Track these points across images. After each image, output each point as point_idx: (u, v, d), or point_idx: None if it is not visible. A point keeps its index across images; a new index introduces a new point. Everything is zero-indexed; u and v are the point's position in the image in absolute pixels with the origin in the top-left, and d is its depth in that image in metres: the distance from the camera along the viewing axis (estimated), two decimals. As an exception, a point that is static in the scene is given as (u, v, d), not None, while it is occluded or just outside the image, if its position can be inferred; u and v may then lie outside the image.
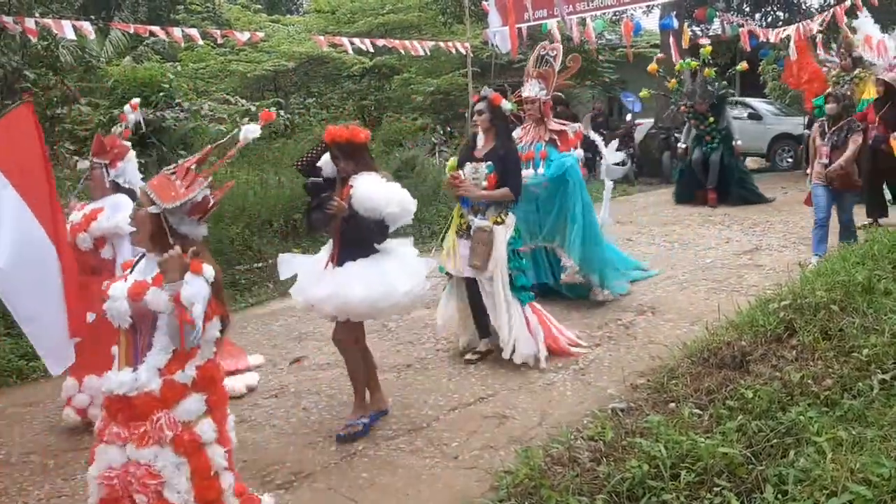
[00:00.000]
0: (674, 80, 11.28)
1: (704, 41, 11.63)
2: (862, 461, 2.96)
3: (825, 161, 7.05)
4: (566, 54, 6.64)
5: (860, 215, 8.35)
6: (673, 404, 4.06)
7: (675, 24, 12.39)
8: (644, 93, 12.50)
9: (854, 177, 7.07)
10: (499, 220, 5.10)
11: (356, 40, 9.38)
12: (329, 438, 4.26)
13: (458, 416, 4.45)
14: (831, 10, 11.21)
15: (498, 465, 3.70)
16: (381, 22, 16.84)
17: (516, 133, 6.34)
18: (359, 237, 4.10)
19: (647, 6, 13.68)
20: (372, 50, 10.42)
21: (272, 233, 8.93)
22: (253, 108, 8.79)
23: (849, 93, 9.70)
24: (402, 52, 8.17)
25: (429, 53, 9.80)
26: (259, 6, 18.96)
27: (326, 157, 4.28)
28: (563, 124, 6.49)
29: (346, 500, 3.62)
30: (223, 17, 17.65)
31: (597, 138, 6.81)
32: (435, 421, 4.40)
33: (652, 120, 15.85)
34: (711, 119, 10.76)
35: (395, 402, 4.67)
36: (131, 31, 8.37)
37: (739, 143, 11.07)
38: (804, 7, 17.41)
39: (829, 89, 9.95)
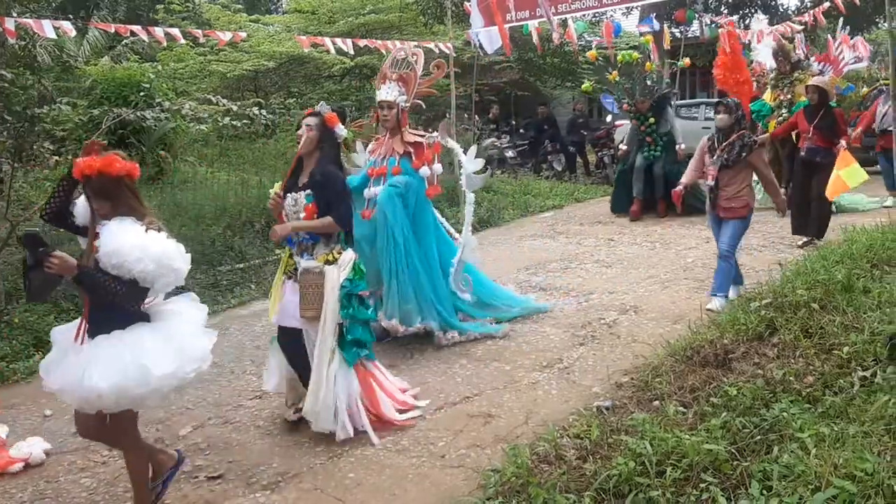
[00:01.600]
0: (615, 73, 10.54)
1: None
2: (845, 456, 3.00)
3: (712, 184, 5.96)
4: (548, 55, 6.54)
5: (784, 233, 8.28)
6: (657, 402, 4.10)
7: (656, 26, 12.49)
8: (586, 85, 11.86)
9: (749, 205, 5.98)
10: (331, 257, 4.21)
11: (338, 40, 9.36)
12: (315, 438, 4.24)
13: (444, 415, 4.46)
14: (810, 12, 11.33)
15: (485, 464, 3.71)
16: (362, 22, 16.81)
17: (370, 147, 5.88)
18: (109, 302, 3.22)
19: (627, 7, 13.79)
20: (353, 51, 10.39)
21: (254, 233, 8.89)
22: (234, 108, 8.74)
23: (790, 95, 9.77)
24: (384, 52, 8.13)
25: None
26: (239, 6, 18.86)
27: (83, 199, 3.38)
28: (420, 135, 5.75)
29: (333, 501, 3.61)
30: (203, 17, 17.54)
31: (455, 146, 5.99)
32: (421, 420, 4.40)
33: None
34: (652, 119, 10.12)
35: (380, 402, 4.66)
36: (112, 30, 8.27)
37: (683, 146, 10.13)
38: (782, 9, 17.62)
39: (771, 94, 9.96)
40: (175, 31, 7.90)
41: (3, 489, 3.91)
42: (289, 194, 4.29)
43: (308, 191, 4.21)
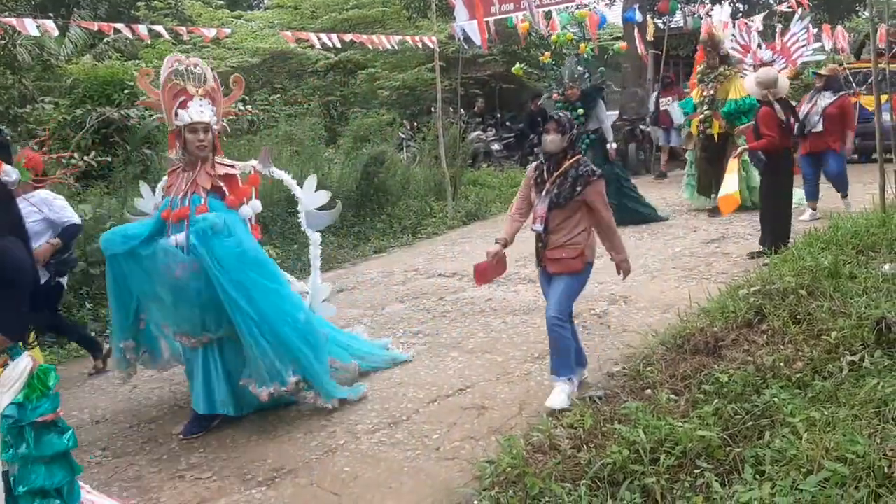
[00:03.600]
0: (547, 54, 9.59)
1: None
2: (836, 440, 3.04)
3: (539, 228, 4.41)
4: (532, 47, 6.29)
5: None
6: (649, 390, 4.13)
7: (639, 16, 12.52)
8: (516, 68, 10.59)
9: (585, 255, 4.39)
10: None
11: (323, 35, 9.32)
12: (309, 433, 4.25)
13: (438, 408, 4.47)
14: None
15: (480, 456, 3.73)
16: (345, 17, 16.76)
17: (162, 183, 4.80)
18: None
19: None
20: (339, 45, 10.37)
21: (241, 231, 8.82)
22: (219, 105, 8.69)
23: (713, 91, 9.26)
24: (371, 47, 8.12)
25: (396, 48, 9.78)
26: (221, 2, 18.75)
27: None
28: (231, 165, 4.65)
29: (329, 495, 3.62)
30: (185, 14, 17.42)
31: (283, 176, 4.96)
32: (415, 413, 4.41)
33: (617, 112, 15.97)
34: (581, 111, 8.96)
35: (373, 396, 4.68)
36: (95, 28, 8.21)
37: (614, 146, 9.34)
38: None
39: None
40: (159, 28, 7.85)
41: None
42: None
43: None
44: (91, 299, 6.76)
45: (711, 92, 9.40)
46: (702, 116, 9.46)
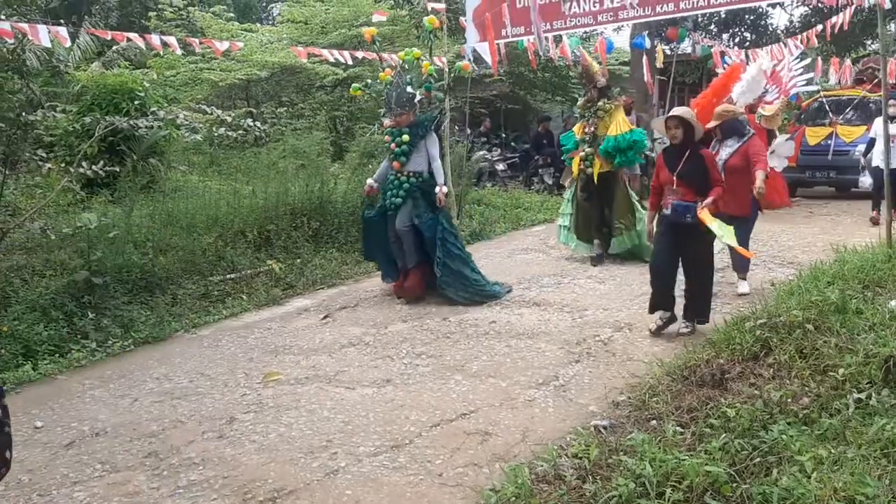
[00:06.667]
0: (387, 71, 7.88)
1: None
2: (844, 480, 3.02)
3: None
4: (540, 69, 5.99)
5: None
6: (654, 422, 4.11)
7: (647, 43, 12.59)
8: (354, 88, 8.22)
9: None
10: None
11: (335, 51, 9.36)
12: (310, 454, 4.22)
13: (441, 432, 4.43)
14: (804, 34, 11.43)
15: (483, 483, 3.70)
16: (355, 34, 16.84)
17: None
18: None
19: (618, 24, 13.88)
20: (350, 62, 10.40)
21: (245, 243, 8.84)
22: (228, 119, 8.73)
23: (594, 128, 8.53)
24: (381, 64, 8.15)
25: (407, 67, 9.81)
26: (231, 14, 18.86)
27: None
28: None
29: (330, 518, 3.59)
30: (196, 25, 17.52)
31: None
32: (417, 437, 4.37)
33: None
34: (406, 137, 7.25)
35: (376, 419, 4.64)
36: (109, 37, 8.24)
37: (444, 190, 7.30)
38: (771, 29, 17.83)
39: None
40: (171, 40, 7.87)
41: (-7, 503, 3.85)
42: None
43: None
44: (94, 308, 6.74)
45: (592, 128, 8.65)
46: (582, 154, 8.71)
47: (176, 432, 4.63)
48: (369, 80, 8.56)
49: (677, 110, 5.98)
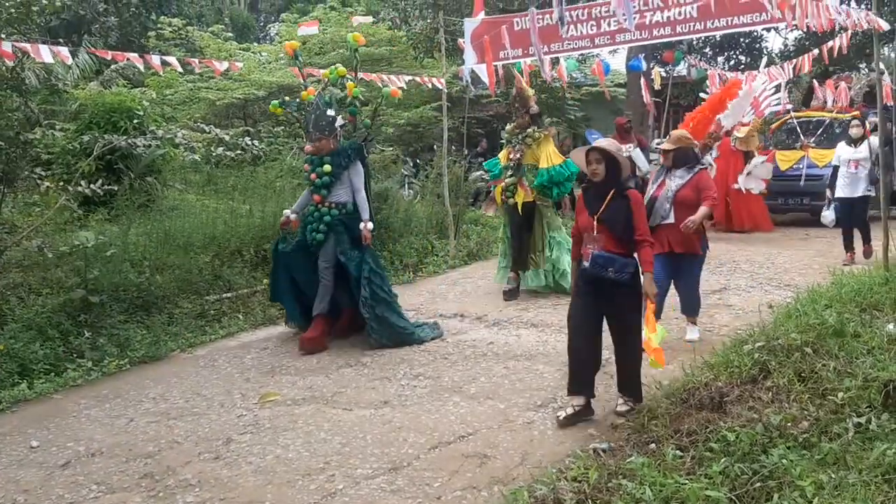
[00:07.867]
0: (310, 90, 7.27)
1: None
2: (846, 506, 3.01)
3: None
4: (536, 90, 5.67)
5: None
6: (653, 445, 4.09)
7: (644, 65, 12.69)
8: (274, 103, 7.40)
9: None
10: None
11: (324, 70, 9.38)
12: (308, 477, 4.19)
13: (439, 454, 4.41)
14: (800, 58, 11.53)
15: (482, 507, 3.68)
16: (364, 53, 16.95)
17: None
18: None
19: (615, 47, 14.00)
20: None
21: (242, 263, 8.83)
22: (226, 138, 8.74)
23: (518, 155, 8.08)
24: (379, 84, 8.19)
25: (405, 87, 9.85)
26: (229, 34, 18.97)
27: None
28: None
29: (328, 542, 3.56)
30: (195, 45, 17.61)
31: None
32: (415, 460, 4.35)
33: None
34: (328, 168, 6.61)
35: (373, 441, 4.62)
36: (109, 56, 8.27)
37: (370, 226, 6.65)
38: (766, 52, 17.99)
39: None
40: (172, 60, 7.90)
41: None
42: None
43: None
44: (90, 327, 6.71)
45: (518, 156, 8.09)
46: (503, 184, 8.22)
47: (172, 453, 4.60)
48: (287, 98, 7.82)
49: (601, 142, 5.01)
